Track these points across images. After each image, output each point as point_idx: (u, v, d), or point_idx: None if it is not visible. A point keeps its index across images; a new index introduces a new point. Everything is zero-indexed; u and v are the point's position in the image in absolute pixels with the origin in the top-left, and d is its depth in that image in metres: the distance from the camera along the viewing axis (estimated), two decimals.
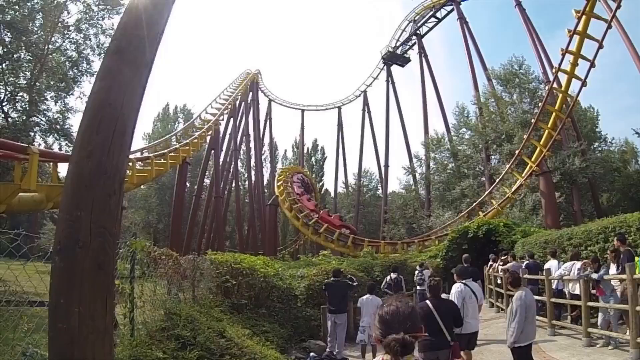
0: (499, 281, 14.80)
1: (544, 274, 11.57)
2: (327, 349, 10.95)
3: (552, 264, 12.05)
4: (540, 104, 28.51)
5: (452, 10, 50.73)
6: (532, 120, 28.25)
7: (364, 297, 10.66)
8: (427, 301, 6.34)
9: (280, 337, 10.78)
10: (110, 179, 2.60)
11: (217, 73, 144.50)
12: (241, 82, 59.39)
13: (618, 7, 23.69)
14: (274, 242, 44.67)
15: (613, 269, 9.11)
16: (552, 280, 11.48)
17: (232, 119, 55.97)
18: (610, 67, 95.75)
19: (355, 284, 11.97)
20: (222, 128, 52.85)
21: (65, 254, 2.39)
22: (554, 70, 28.16)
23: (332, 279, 11.68)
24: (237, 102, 57.33)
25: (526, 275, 12.43)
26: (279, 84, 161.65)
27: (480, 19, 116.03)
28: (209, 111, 47.95)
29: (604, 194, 43.88)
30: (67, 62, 31.33)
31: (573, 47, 25.07)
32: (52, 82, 30.24)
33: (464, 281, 7.81)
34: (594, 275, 9.30)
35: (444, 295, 7.06)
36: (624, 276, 8.13)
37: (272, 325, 11.05)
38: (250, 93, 62.08)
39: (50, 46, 30.46)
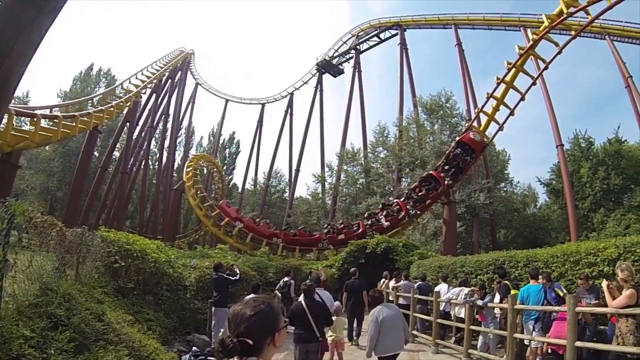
0: (390, 298, 15.19)
1: (434, 296, 12.04)
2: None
3: (442, 287, 12.65)
4: (457, 138, 29.69)
5: (396, 34, 52.54)
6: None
7: (247, 297, 10.56)
8: (302, 301, 7.34)
9: (164, 327, 10.27)
10: None
11: (151, 44, 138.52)
12: (172, 58, 57.71)
13: (545, 68, 25.47)
14: (174, 228, 43.38)
15: (497, 297, 9.91)
16: (441, 303, 11.97)
17: (154, 95, 53.69)
18: (529, 119, 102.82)
19: (234, 278, 11.80)
20: (142, 101, 50.67)
21: None
22: (476, 110, 29.66)
23: (214, 273, 11.76)
24: (164, 79, 55.45)
25: (417, 296, 12.93)
26: (208, 69, 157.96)
27: (422, 49, 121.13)
28: (133, 81, 45.70)
29: (502, 230, 46.73)
30: None
31: (498, 94, 26.52)
32: None
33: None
34: (479, 302, 9.99)
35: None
36: (505, 305, 8.84)
37: (157, 314, 10.49)
38: (179, 72, 60.59)
39: None
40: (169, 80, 57.85)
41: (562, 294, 8.30)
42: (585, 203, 40.95)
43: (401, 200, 29.62)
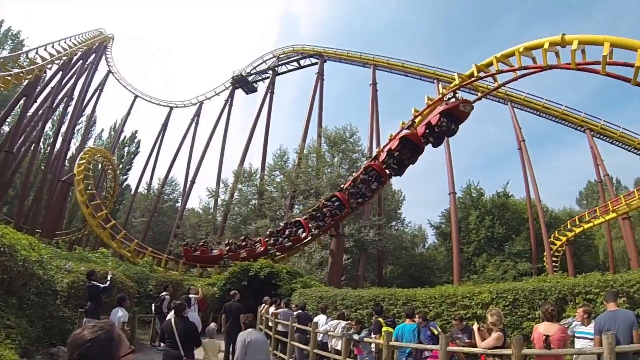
0: (270, 323, 15.16)
1: (312, 326, 12.13)
2: None
3: (320, 318, 12.75)
4: (355, 174, 30.35)
5: (316, 63, 53.51)
6: (342, 186, 29.90)
7: (113, 310, 10.22)
8: (172, 318, 7.60)
9: (26, 336, 9.27)
10: None
11: (68, 21, 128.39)
12: (89, 38, 53.90)
13: None
14: (56, 223, 40.39)
15: None
16: (318, 333, 12.08)
17: (60, 73, 49.36)
18: (428, 164, 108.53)
19: (103, 286, 11.06)
20: (46, 77, 46.91)
21: None
22: (378, 149, 30.52)
23: (87, 280, 11.14)
24: (75, 58, 51.44)
25: (295, 324, 12.93)
26: (124, 59, 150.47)
27: (337, 80, 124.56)
28: (40, 53, 41.22)
29: (389, 266, 48.60)
30: None
31: None
32: None
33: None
34: (355, 336, 10.18)
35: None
36: (381, 341, 9.19)
37: (19, 321, 9.47)
38: (93, 55, 56.73)
39: None
40: (80, 61, 53.69)
41: (436, 333, 8.85)
42: (470, 247, 45.15)
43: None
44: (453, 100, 23.49)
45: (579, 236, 41.67)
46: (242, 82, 59.86)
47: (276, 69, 57.63)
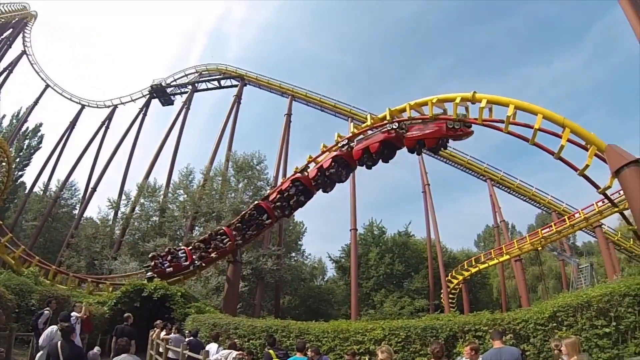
0: (160, 349, 14.51)
1: (203, 354, 11.73)
2: None
3: (212, 347, 12.38)
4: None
5: (236, 85, 53.41)
6: (243, 212, 29.41)
7: None
8: (59, 342, 7.18)
9: None
10: None
11: None
12: (8, 11, 49.96)
13: None
14: None
15: None
16: None
17: None
18: (331, 198, 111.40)
19: None
20: None
21: None
22: (283, 179, 30.57)
23: None
24: None
25: (186, 352, 12.43)
26: (45, 40, 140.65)
27: (254, 106, 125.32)
28: None
29: (286, 296, 48.43)
30: None
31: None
32: None
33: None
34: None
35: None
36: None
37: None
38: (10, 30, 52.86)
39: None
40: None
41: None
42: (369, 283, 46.88)
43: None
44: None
45: (475, 275, 44.14)
46: (160, 93, 58.57)
47: (196, 85, 57.12)
